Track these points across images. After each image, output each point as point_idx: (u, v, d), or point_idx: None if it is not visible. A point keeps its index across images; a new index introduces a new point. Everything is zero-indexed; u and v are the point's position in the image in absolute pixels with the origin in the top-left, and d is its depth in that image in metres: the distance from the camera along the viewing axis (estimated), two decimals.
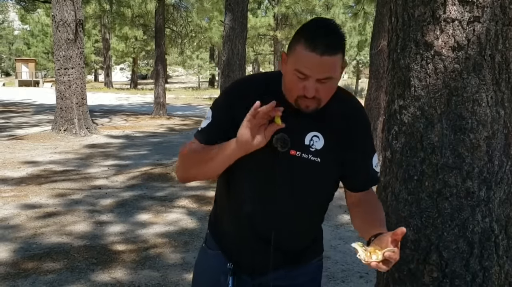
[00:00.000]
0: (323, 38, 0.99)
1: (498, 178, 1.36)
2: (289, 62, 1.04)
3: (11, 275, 2.79)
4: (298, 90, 1.03)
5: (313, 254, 1.27)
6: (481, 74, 1.31)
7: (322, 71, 1.00)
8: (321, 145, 1.11)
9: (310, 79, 1.01)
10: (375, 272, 1.68)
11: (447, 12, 1.31)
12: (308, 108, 1.05)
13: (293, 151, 1.09)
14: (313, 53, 0.98)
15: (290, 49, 1.05)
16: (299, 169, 1.11)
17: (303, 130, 1.10)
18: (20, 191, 4.76)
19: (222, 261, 1.22)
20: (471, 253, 1.36)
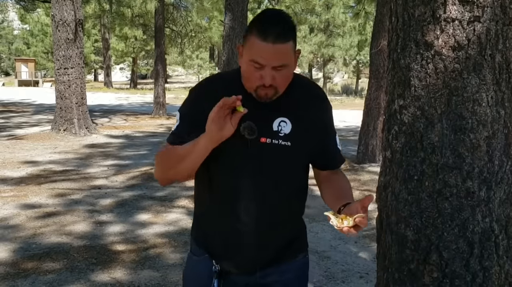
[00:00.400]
0: (273, 27, 1.04)
1: (498, 178, 1.36)
2: (244, 54, 1.09)
3: (10, 275, 2.79)
4: (256, 80, 1.07)
5: (298, 250, 1.29)
6: (481, 74, 1.31)
7: (276, 59, 1.05)
8: (289, 129, 1.15)
9: (266, 68, 1.05)
10: (375, 272, 1.68)
11: (447, 12, 1.31)
12: (267, 96, 1.10)
13: (263, 139, 1.13)
14: (265, 43, 1.03)
15: (244, 40, 1.10)
16: (271, 155, 1.14)
17: (270, 117, 1.14)
18: (20, 191, 4.76)
19: (208, 265, 1.22)
20: (471, 253, 1.36)
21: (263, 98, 1.11)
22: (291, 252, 1.26)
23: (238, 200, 1.16)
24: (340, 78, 34.94)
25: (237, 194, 1.16)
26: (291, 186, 1.20)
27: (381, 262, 1.56)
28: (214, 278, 1.20)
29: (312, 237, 3.59)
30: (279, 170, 1.16)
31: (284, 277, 1.24)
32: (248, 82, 1.11)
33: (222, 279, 1.20)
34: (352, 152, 7.12)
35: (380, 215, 1.57)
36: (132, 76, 32.75)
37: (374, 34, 6.33)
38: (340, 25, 23.02)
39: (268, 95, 1.10)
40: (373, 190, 4.65)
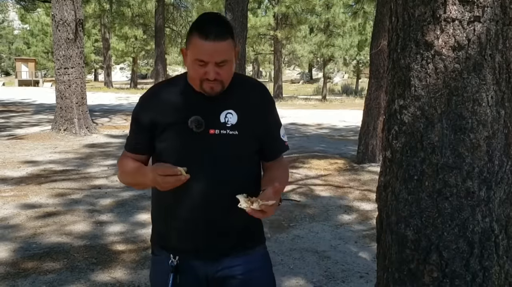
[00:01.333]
0: (213, 27, 1.16)
1: (498, 177, 1.36)
2: (189, 55, 1.19)
3: (11, 275, 2.79)
4: (201, 75, 1.18)
5: (256, 241, 1.34)
6: (481, 74, 1.31)
7: (218, 55, 1.16)
8: (235, 120, 1.24)
9: (209, 64, 1.16)
10: (375, 272, 1.68)
11: (447, 12, 1.31)
12: (213, 90, 1.20)
13: (211, 130, 1.22)
14: (207, 42, 1.14)
15: (187, 43, 1.21)
16: (220, 145, 1.22)
17: (217, 110, 1.23)
18: (20, 191, 4.76)
19: (166, 261, 1.27)
20: (471, 253, 1.36)
21: (210, 93, 1.21)
22: (249, 243, 1.31)
23: (192, 192, 1.22)
24: (340, 78, 34.95)
25: (192, 186, 1.20)
26: (241, 173, 1.27)
27: (381, 262, 1.56)
28: (170, 272, 1.25)
29: (312, 237, 3.59)
30: (229, 157, 1.24)
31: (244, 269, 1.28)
32: (194, 80, 1.21)
33: (178, 273, 1.25)
34: (352, 152, 7.12)
35: (380, 215, 1.57)
36: (132, 76, 32.76)
37: (374, 34, 6.33)
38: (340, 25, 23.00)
39: (214, 89, 1.20)
40: (373, 190, 4.66)
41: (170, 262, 1.26)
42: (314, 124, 12.25)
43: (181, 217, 1.25)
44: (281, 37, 23.56)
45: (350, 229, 3.84)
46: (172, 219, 1.27)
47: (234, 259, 1.27)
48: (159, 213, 1.32)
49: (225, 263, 1.27)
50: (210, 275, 1.27)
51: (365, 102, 6.50)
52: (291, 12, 22.84)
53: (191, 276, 1.26)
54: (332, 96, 25.82)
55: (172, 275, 1.24)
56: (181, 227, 1.26)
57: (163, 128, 1.23)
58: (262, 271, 1.33)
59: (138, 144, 1.29)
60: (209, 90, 1.20)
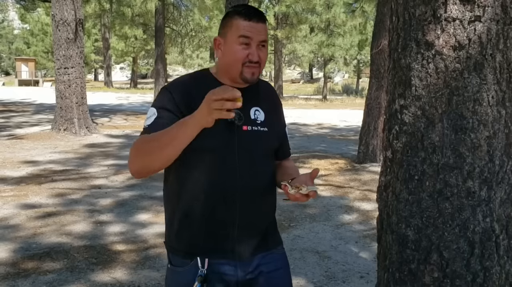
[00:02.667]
0: (253, 11, 1.20)
1: (499, 177, 1.36)
2: (229, 37, 1.19)
3: (11, 275, 2.79)
4: (243, 57, 1.17)
5: (276, 242, 1.34)
6: (482, 73, 1.31)
7: (261, 34, 1.19)
8: (263, 117, 1.26)
9: (252, 44, 1.17)
10: (375, 272, 1.68)
11: (448, 12, 1.31)
12: (253, 76, 1.20)
13: (244, 127, 1.21)
14: (250, 22, 1.18)
15: (226, 29, 1.21)
16: (254, 142, 1.22)
17: (246, 107, 1.19)
18: (20, 191, 4.76)
19: (193, 272, 1.19)
20: (472, 253, 1.36)
21: (249, 79, 1.20)
22: (274, 242, 1.32)
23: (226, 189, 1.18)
24: (341, 78, 34.94)
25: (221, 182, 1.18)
26: (271, 170, 1.29)
27: (382, 262, 1.55)
28: (197, 282, 1.17)
29: (313, 237, 3.59)
30: (263, 155, 1.24)
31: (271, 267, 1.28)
32: (235, 64, 1.19)
33: (206, 283, 1.18)
34: (353, 152, 7.12)
35: (380, 215, 1.57)
36: (132, 75, 32.76)
37: (375, 33, 6.32)
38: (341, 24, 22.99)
39: (254, 75, 1.20)
40: (373, 190, 4.65)
41: (200, 272, 1.18)
42: (314, 124, 12.26)
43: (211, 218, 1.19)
44: (281, 36, 23.55)
45: (350, 229, 3.83)
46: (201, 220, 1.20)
47: (260, 259, 1.26)
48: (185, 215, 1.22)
49: (253, 265, 1.24)
50: (241, 278, 1.22)
51: (365, 102, 6.50)
52: (292, 11, 22.83)
53: (219, 284, 1.20)
54: (333, 96, 25.81)
55: (199, 286, 1.17)
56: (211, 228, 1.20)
57: None
58: (285, 270, 1.33)
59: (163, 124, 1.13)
60: (250, 76, 1.19)
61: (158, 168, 1.17)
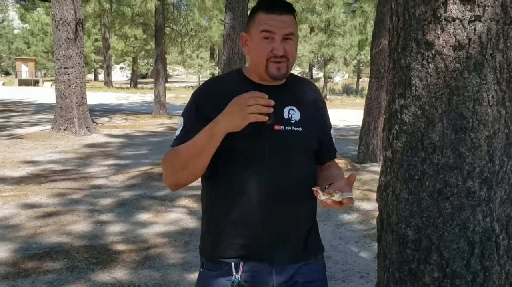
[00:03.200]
0: (278, 3, 1.14)
1: (499, 177, 1.36)
2: (253, 32, 1.15)
3: (11, 275, 2.79)
4: (267, 52, 1.12)
5: (317, 249, 1.29)
6: (482, 73, 1.31)
7: (285, 26, 1.12)
8: (298, 117, 1.20)
9: (276, 38, 1.12)
10: (375, 272, 1.68)
11: (448, 11, 1.31)
12: (279, 71, 1.14)
13: (277, 126, 1.15)
14: (273, 15, 1.12)
15: (250, 24, 1.17)
16: (286, 142, 1.16)
17: (280, 106, 1.15)
18: (20, 191, 4.76)
19: (225, 277, 1.16)
20: (472, 253, 1.36)
21: (276, 75, 1.14)
22: (313, 251, 1.26)
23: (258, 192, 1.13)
24: (341, 78, 34.93)
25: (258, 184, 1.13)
26: (307, 172, 1.21)
27: (382, 261, 1.55)
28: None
29: None
30: (297, 156, 1.18)
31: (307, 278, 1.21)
32: (259, 59, 1.14)
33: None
34: (353, 152, 7.12)
35: (380, 215, 1.57)
36: (133, 75, 32.74)
37: (375, 33, 6.33)
38: (341, 24, 23.00)
39: (280, 70, 1.14)
40: (373, 190, 4.65)
41: (234, 278, 1.14)
42: None
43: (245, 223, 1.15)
44: None
45: (350, 229, 3.83)
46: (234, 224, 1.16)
47: (297, 267, 1.20)
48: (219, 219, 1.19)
49: (288, 273, 1.19)
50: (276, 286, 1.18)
51: (365, 102, 6.50)
52: None
53: None
54: (333, 95, 25.81)
55: None
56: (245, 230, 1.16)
57: None
58: (322, 283, 1.27)
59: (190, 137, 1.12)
60: (275, 72, 1.13)
61: (195, 178, 1.16)
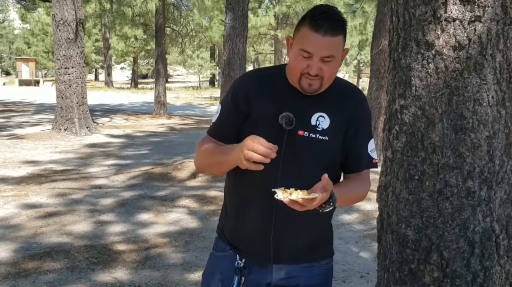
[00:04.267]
0: (325, 20, 1.09)
1: (499, 177, 1.36)
2: (294, 44, 1.13)
3: (11, 275, 2.80)
4: (302, 67, 1.11)
5: (323, 254, 1.27)
6: (482, 73, 1.31)
7: (325, 49, 1.09)
8: (327, 125, 1.17)
9: (314, 58, 1.10)
10: (376, 272, 1.68)
11: (448, 12, 1.31)
12: (311, 87, 1.13)
13: (301, 131, 1.15)
14: (316, 34, 1.08)
15: (295, 32, 1.15)
16: (305, 148, 1.16)
17: (309, 112, 1.16)
18: (21, 190, 4.76)
19: (231, 261, 1.23)
20: (472, 253, 1.36)
21: (307, 90, 1.13)
22: (315, 256, 1.25)
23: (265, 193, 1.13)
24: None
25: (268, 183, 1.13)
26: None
27: (382, 261, 1.56)
28: (235, 274, 1.20)
29: None
30: (314, 163, 1.17)
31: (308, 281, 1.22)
32: (293, 71, 1.14)
33: (243, 276, 1.21)
34: None
35: (381, 215, 1.57)
36: (133, 75, 32.76)
37: (375, 34, 6.33)
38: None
39: (312, 86, 1.13)
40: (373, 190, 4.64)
41: (236, 263, 1.21)
42: None
43: (252, 220, 1.20)
44: (281, 37, 23.56)
45: (350, 229, 3.84)
46: (243, 220, 1.22)
47: (298, 269, 1.22)
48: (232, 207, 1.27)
49: (288, 272, 1.21)
50: (274, 282, 1.21)
51: None
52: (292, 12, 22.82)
53: (254, 280, 1.21)
54: None
55: (237, 278, 1.20)
56: (250, 228, 1.21)
57: (255, 118, 1.16)
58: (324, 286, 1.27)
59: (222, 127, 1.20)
60: (306, 87, 1.13)
61: (219, 175, 1.23)
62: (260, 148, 1.00)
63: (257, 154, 1.00)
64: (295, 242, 1.21)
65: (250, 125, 1.17)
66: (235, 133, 1.18)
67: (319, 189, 1.02)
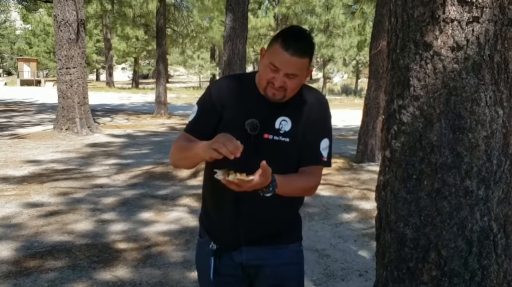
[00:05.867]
0: (296, 42, 1.21)
1: (497, 177, 1.37)
2: (266, 56, 1.26)
3: (13, 273, 2.81)
4: (269, 78, 1.24)
5: (289, 239, 1.39)
6: (480, 74, 1.32)
7: (290, 68, 1.21)
8: (289, 127, 1.29)
9: (280, 72, 1.22)
10: (374, 271, 1.70)
11: (446, 13, 1.32)
12: (274, 96, 1.25)
13: (266, 135, 1.28)
14: (285, 52, 1.20)
15: (268, 46, 1.28)
16: (270, 150, 1.28)
17: (274, 116, 1.29)
18: (22, 190, 4.78)
19: (207, 245, 1.38)
20: (470, 252, 1.37)
21: (271, 98, 1.26)
22: (281, 240, 1.37)
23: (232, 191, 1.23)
24: (340, 78, 34.90)
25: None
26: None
27: (380, 260, 1.57)
28: (211, 256, 1.36)
29: (312, 235, 3.60)
30: (278, 163, 1.25)
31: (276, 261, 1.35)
32: (261, 80, 1.27)
33: (217, 257, 1.36)
34: (352, 151, 7.12)
35: (379, 214, 1.58)
36: (134, 76, 32.77)
37: (374, 34, 6.34)
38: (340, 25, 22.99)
39: (275, 96, 1.25)
40: (372, 189, 4.66)
41: (211, 246, 1.36)
42: None
43: (221, 209, 1.35)
44: None
45: (349, 227, 3.85)
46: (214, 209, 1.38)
47: (266, 251, 1.35)
48: (206, 198, 1.42)
49: (257, 253, 1.35)
50: (244, 262, 1.35)
51: (364, 102, 6.51)
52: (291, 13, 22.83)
53: (228, 260, 1.36)
54: (332, 96, 25.78)
55: (213, 259, 1.35)
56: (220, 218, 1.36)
57: (226, 121, 1.29)
58: (294, 267, 1.40)
59: (198, 125, 1.33)
60: (271, 95, 1.25)
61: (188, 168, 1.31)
62: (230, 144, 1.10)
63: (225, 147, 1.09)
64: (261, 228, 1.33)
65: (222, 127, 1.28)
66: (211, 131, 1.28)
67: (257, 173, 1.12)
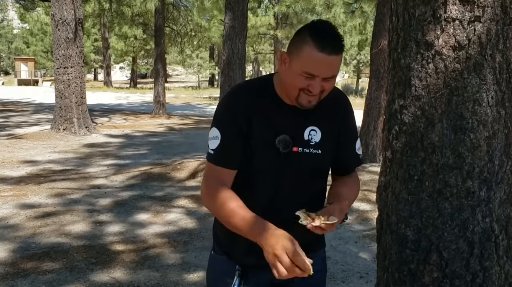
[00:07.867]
0: (330, 39, 1.06)
1: (499, 178, 1.36)
2: (294, 64, 1.08)
3: (10, 275, 2.79)
4: (302, 86, 1.09)
5: (318, 245, 1.35)
6: (481, 74, 1.31)
7: (329, 70, 1.08)
8: (319, 138, 1.20)
9: (317, 78, 1.07)
10: (375, 272, 1.68)
11: (447, 12, 1.31)
12: (310, 103, 1.12)
13: (295, 148, 1.16)
14: (322, 54, 1.04)
15: (294, 50, 1.09)
16: (302, 164, 1.18)
17: (301, 127, 1.18)
18: (19, 190, 4.75)
19: (231, 264, 1.25)
20: (471, 253, 1.36)
21: (305, 106, 1.12)
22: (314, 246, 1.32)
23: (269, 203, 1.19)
24: (341, 78, 34.97)
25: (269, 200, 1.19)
26: (316, 188, 1.27)
27: (381, 262, 1.55)
28: (236, 277, 1.22)
29: None
30: (309, 175, 1.21)
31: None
32: (290, 89, 1.11)
33: (243, 278, 1.23)
34: None
35: (380, 215, 1.57)
36: (132, 75, 32.76)
37: (375, 33, 6.33)
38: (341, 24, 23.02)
39: (311, 103, 1.11)
40: (373, 190, 4.65)
41: (237, 267, 1.23)
42: None
43: None
44: (281, 36, 23.57)
45: (350, 229, 3.84)
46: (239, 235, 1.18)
47: None
48: None
49: None
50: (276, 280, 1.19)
51: (365, 102, 6.51)
52: (291, 11, 22.84)
53: (254, 278, 1.24)
54: None
55: (238, 280, 1.22)
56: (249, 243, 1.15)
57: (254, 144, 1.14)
58: (320, 273, 1.35)
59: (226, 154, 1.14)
60: (306, 103, 1.11)
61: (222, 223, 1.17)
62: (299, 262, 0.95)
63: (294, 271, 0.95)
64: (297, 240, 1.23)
65: (253, 149, 1.15)
66: (241, 157, 1.14)
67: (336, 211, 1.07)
